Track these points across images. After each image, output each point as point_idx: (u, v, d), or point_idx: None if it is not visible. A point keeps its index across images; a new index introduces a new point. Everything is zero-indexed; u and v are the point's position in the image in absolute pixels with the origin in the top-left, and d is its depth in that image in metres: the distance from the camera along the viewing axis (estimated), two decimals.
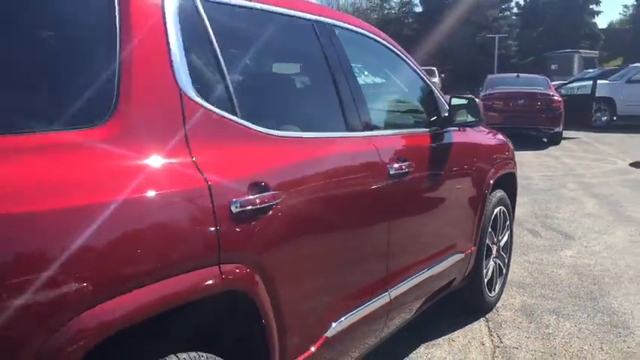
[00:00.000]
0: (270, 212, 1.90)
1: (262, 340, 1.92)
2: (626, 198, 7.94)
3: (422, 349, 3.53)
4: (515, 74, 15.80)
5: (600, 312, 4.08)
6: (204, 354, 1.70)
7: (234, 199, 1.76)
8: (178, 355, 1.62)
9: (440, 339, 3.66)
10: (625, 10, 53.54)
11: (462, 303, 3.98)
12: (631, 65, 19.45)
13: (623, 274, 4.88)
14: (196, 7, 1.92)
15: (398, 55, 3.23)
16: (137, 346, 1.58)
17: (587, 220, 6.74)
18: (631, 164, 10.91)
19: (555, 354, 3.46)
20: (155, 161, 1.62)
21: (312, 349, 2.18)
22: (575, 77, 22.65)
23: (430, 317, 3.70)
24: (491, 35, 37.43)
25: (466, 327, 3.85)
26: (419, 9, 45.54)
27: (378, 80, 3.37)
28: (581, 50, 34.78)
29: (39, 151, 1.38)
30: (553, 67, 32.52)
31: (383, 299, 2.67)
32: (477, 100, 3.42)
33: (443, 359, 3.41)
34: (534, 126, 13.47)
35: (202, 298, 1.66)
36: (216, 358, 1.75)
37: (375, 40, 3.04)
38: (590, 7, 44.60)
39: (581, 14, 43.37)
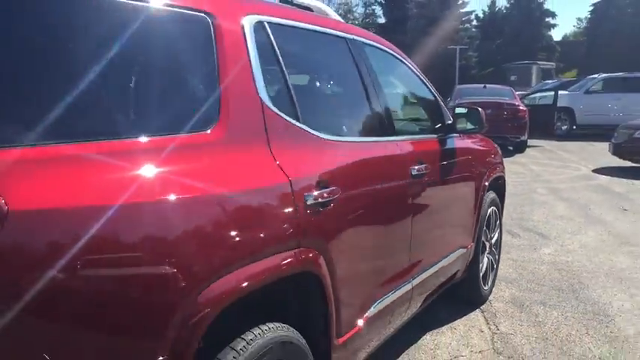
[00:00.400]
0: (331, 205, 2.21)
1: (324, 316, 2.22)
2: (592, 201, 8.47)
3: (428, 336, 3.86)
4: (483, 85, 16.42)
5: (582, 302, 4.48)
6: (284, 325, 2.00)
7: (306, 194, 2.08)
8: (268, 324, 1.91)
9: (443, 327, 4.01)
10: (579, 22, 55.47)
11: (459, 296, 4.33)
12: (588, 77, 20.33)
13: (598, 269, 5.32)
14: (267, 31, 2.22)
15: (410, 68, 3.59)
16: (236, 318, 1.86)
17: (560, 222, 7.21)
18: (593, 170, 11.53)
19: (547, 339, 3.84)
20: (248, 159, 1.93)
21: (359, 325, 2.50)
22: (535, 88, 23.49)
23: (430, 309, 4.02)
24: (452, 47, 38.29)
25: (464, 317, 4.20)
26: (382, 20, 46.34)
27: (396, 90, 3.70)
28: (539, 62, 35.85)
29: (157, 152, 1.67)
30: (512, 77, 33.37)
31: (407, 286, 3.00)
32: (480, 109, 3.79)
33: (448, 345, 3.75)
34: (501, 134, 13.98)
35: (285, 276, 1.96)
36: (291, 328, 2.03)
37: (393, 56, 3.39)
38: (547, 19, 46.04)
39: (538, 27, 44.69)
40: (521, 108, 14.18)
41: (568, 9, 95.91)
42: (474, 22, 48.21)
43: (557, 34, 50.93)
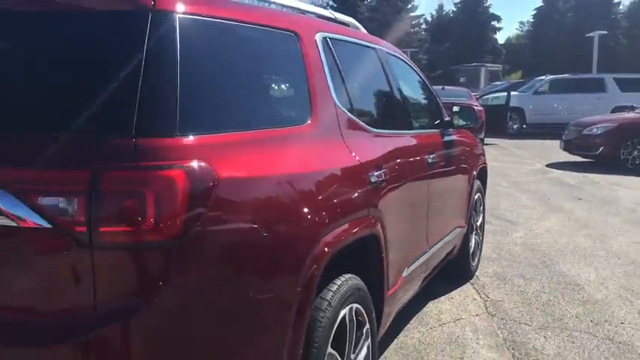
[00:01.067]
0: (383, 183, 2.78)
1: (380, 271, 2.77)
2: (551, 192, 9.29)
3: (431, 304, 4.47)
4: (441, 87, 17.24)
5: (555, 275, 5.17)
6: (353, 275, 2.54)
7: (370, 173, 2.64)
8: (348, 274, 2.46)
9: (441, 298, 4.62)
10: (521, 25, 57.62)
11: (452, 271, 4.94)
12: (536, 78, 21.47)
13: (564, 249, 6.05)
14: (329, 45, 2.77)
15: (416, 71, 4.21)
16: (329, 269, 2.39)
17: (525, 210, 7.96)
18: (547, 165, 12.45)
19: (531, 303, 4.49)
20: (332, 146, 2.50)
21: (399, 283, 3.07)
22: (486, 89, 24.58)
23: (428, 284, 4.59)
24: (403, 49, 39.33)
25: (458, 289, 4.82)
26: None
27: (409, 91, 4.29)
28: (486, 64, 37.24)
29: (284, 139, 2.23)
30: (462, 79, 34.51)
31: (426, 256, 3.59)
32: (474, 108, 4.42)
33: (449, 310, 4.37)
34: None
35: (362, 236, 2.52)
36: (358, 278, 2.57)
37: (404, 61, 3.99)
38: (492, 23, 47.79)
39: (484, 30, 46.40)
40: (478, 108, 15.00)
41: (511, 13, 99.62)
42: (423, 26, 49.65)
43: (500, 37, 52.88)
